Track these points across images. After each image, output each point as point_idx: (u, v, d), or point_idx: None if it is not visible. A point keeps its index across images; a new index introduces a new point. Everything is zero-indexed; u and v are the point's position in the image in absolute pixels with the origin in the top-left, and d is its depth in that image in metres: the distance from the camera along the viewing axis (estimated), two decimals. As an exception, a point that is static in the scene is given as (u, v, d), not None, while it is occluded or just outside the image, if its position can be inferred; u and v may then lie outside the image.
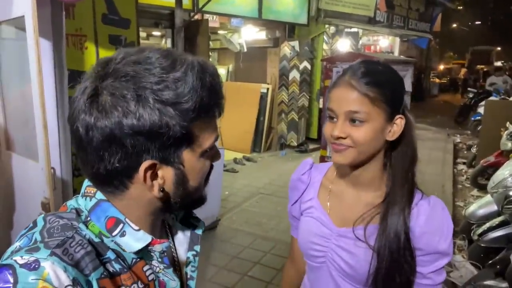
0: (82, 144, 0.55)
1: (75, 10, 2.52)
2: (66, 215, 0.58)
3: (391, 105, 0.86)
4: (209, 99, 0.56)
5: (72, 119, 0.56)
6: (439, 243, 0.87)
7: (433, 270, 0.88)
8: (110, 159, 0.54)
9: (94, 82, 0.54)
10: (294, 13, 6.68)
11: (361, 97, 0.84)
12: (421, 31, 10.69)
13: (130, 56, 0.55)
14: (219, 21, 6.16)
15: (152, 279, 0.63)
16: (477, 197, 4.79)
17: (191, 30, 4.98)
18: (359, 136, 0.85)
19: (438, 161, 6.66)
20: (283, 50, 6.87)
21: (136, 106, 0.52)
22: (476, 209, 3.58)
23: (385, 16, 8.86)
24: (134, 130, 0.52)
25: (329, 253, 0.95)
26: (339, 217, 0.96)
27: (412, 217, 0.88)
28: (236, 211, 4.34)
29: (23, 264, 0.48)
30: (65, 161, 2.06)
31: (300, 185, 1.04)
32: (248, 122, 6.80)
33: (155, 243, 0.62)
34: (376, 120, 0.85)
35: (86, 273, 0.52)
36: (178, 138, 0.55)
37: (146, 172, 0.56)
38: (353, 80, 0.85)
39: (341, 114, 0.86)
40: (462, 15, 27.62)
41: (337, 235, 0.95)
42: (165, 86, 0.53)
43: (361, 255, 0.90)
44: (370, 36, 10.20)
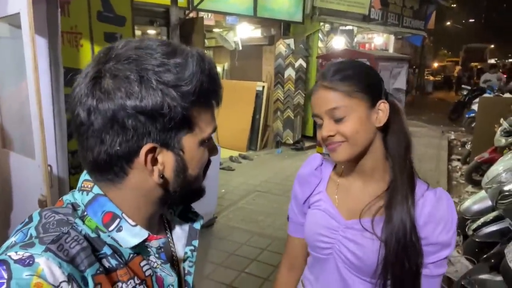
0: (83, 129, 0.55)
1: (70, 7, 2.51)
2: (62, 210, 0.58)
3: (368, 92, 0.89)
4: (208, 84, 0.57)
5: (73, 105, 0.56)
6: (442, 234, 0.88)
7: (432, 261, 0.90)
8: (111, 142, 0.54)
9: (97, 66, 0.55)
10: (289, 11, 6.68)
11: (336, 94, 0.88)
12: (415, 28, 10.74)
13: (132, 43, 0.56)
14: (214, 19, 6.16)
15: (149, 275, 0.62)
16: (472, 193, 4.83)
17: (186, 28, 4.97)
18: (346, 129, 0.88)
19: (432, 158, 6.70)
20: (278, 48, 6.87)
21: (138, 87, 0.52)
22: (470, 205, 3.61)
23: (380, 14, 8.89)
24: (137, 110, 0.53)
25: (336, 245, 0.97)
26: (347, 209, 0.98)
27: (417, 207, 0.89)
28: (232, 208, 4.35)
29: (17, 259, 0.48)
30: (62, 158, 2.06)
31: (313, 179, 1.05)
32: (244, 120, 6.80)
33: (152, 239, 0.62)
34: (357, 111, 0.88)
35: (82, 269, 0.52)
36: (179, 121, 0.55)
37: (146, 156, 0.55)
38: (325, 82, 0.90)
39: (323, 115, 0.90)
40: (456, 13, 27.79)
41: (345, 227, 0.96)
42: (167, 69, 0.54)
43: (368, 246, 0.91)
44: (364, 33, 10.23)
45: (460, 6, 27.55)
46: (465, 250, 3.26)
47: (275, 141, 7.24)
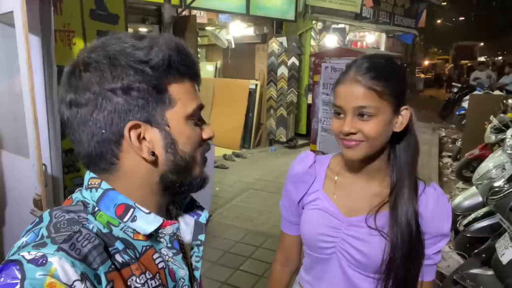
0: (70, 124, 0.57)
1: (63, 5, 2.49)
2: (73, 208, 0.58)
3: (396, 97, 0.88)
4: (178, 58, 0.58)
5: (59, 106, 0.59)
6: (444, 225, 0.93)
7: (435, 251, 0.95)
8: (96, 129, 0.56)
9: (73, 62, 0.58)
10: (282, 9, 6.69)
11: (368, 92, 0.85)
12: (406, 27, 10.82)
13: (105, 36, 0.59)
14: (206, 17, 6.14)
15: (162, 267, 0.62)
16: (462, 189, 4.90)
17: (179, 26, 4.96)
18: (370, 130, 0.86)
19: (423, 155, 6.77)
20: (271, 46, 6.88)
21: (109, 69, 0.55)
22: (461, 201, 3.67)
23: (371, 12, 8.94)
24: (112, 91, 0.55)
25: (340, 244, 0.96)
26: (347, 207, 0.98)
27: (421, 203, 0.92)
28: (227, 206, 4.36)
29: (30, 259, 0.48)
30: (56, 157, 2.05)
31: (308, 178, 1.03)
32: (237, 118, 6.81)
33: (166, 225, 0.62)
34: (384, 113, 0.87)
35: (94, 267, 0.52)
36: (155, 94, 0.57)
37: (130, 132, 0.56)
38: (359, 75, 0.86)
39: (349, 110, 0.87)
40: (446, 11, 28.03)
41: (348, 224, 0.96)
42: (135, 48, 0.56)
43: (375, 243, 0.91)
44: (356, 32, 10.29)
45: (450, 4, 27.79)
46: (457, 246, 3.31)
47: (268, 139, 7.25)
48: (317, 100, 4.04)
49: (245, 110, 6.80)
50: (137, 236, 0.60)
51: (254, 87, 6.89)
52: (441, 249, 0.96)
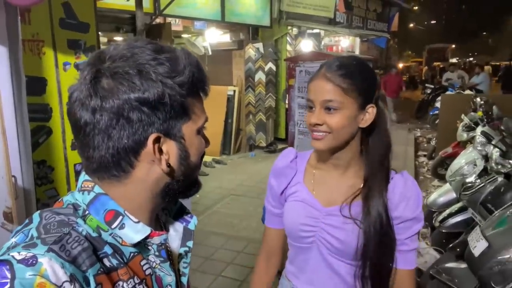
0: (88, 129, 0.57)
1: (31, 15, 2.45)
2: (63, 211, 0.58)
3: (363, 95, 0.96)
4: (198, 75, 0.61)
5: (72, 111, 0.58)
6: (413, 210, 0.98)
7: (408, 236, 0.99)
8: (118, 137, 0.56)
9: (93, 68, 0.57)
10: (257, 15, 6.76)
11: (335, 88, 0.94)
12: (379, 31, 11.09)
13: (121, 45, 0.59)
14: (182, 25, 6.13)
15: (149, 274, 0.63)
16: (438, 186, 5.03)
17: (154, 34, 4.93)
18: (333, 123, 0.95)
19: (400, 155, 6.92)
20: (247, 52, 6.93)
21: (139, 80, 0.55)
22: (436, 198, 3.77)
23: (345, 17, 9.13)
24: (140, 102, 0.55)
25: (319, 232, 1.03)
26: (325, 198, 1.05)
27: (389, 190, 0.99)
28: (207, 213, 4.34)
29: (20, 259, 0.48)
30: (26, 169, 2.00)
31: (289, 171, 1.11)
32: (217, 124, 6.80)
33: (154, 235, 0.63)
34: (348, 108, 0.95)
35: (83, 269, 0.52)
36: (178, 110, 0.59)
37: (154, 145, 0.58)
38: (328, 72, 0.95)
39: (317, 103, 0.96)
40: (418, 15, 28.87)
41: (325, 214, 1.02)
42: (160, 62, 0.57)
43: (350, 230, 0.98)
44: (331, 36, 10.48)
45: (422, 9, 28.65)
46: (433, 241, 3.39)
47: (248, 144, 7.27)
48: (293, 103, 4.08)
49: (224, 116, 6.81)
50: (125, 243, 0.61)
51: (232, 93, 6.91)
52: (416, 235, 1.00)
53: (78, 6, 2.70)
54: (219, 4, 6.00)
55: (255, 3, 6.68)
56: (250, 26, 6.84)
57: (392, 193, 0.98)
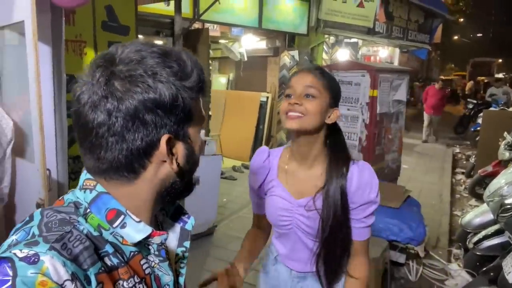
0: (102, 131, 0.56)
1: (76, 16, 2.58)
2: (64, 209, 0.59)
3: (333, 95, 1.16)
4: (203, 77, 0.63)
5: (83, 113, 0.57)
6: (369, 195, 1.15)
7: (365, 215, 1.17)
8: (133, 139, 0.57)
9: (106, 71, 0.57)
10: (294, 23, 6.76)
11: (315, 79, 1.14)
12: (420, 42, 10.77)
13: (127, 47, 0.59)
14: (219, 30, 6.24)
15: (148, 273, 0.63)
16: (475, 206, 4.78)
17: (192, 39, 5.06)
18: (311, 107, 1.11)
19: (436, 171, 6.66)
20: (283, 59, 6.94)
21: (154, 82, 0.56)
22: (472, 218, 3.58)
23: (384, 27, 8.95)
24: (155, 104, 0.56)
25: (294, 221, 1.22)
26: (296, 191, 1.22)
27: (348, 180, 1.15)
28: (233, 217, 4.35)
29: (22, 257, 0.48)
30: (62, 164, 2.09)
31: (263, 170, 1.28)
32: (248, 130, 6.84)
33: (155, 235, 0.63)
34: (323, 100, 1.14)
35: (85, 268, 0.53)
36: (188, 112, 0.60)
37: (167, 146, 0.59)
38: (311, 69, 1.18)
39: (298, 89, 1.14)
40: (463, 27, 27.79)
41: (297, 206, 1.21)
42: (170, 65, 0.58)
43: (315, 218, 1.17)
44: (370, 46, 10.29)
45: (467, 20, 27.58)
46: (466, 264, 3.22)
47: (278, 151, 7.24)
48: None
49: (255, 122, 6.83)
50: (126, 242, 0.61)
51: (265, 100, 6.93)
52: (371, 215, 1.18)
53: (120, 9, 2.82)
54: (257, 11, 6.06)
55: (293, 11, 6.69)
56: (286, 33, 6.85)
57: (350, 183, 1.15)
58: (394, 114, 4.15)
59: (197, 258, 3.31)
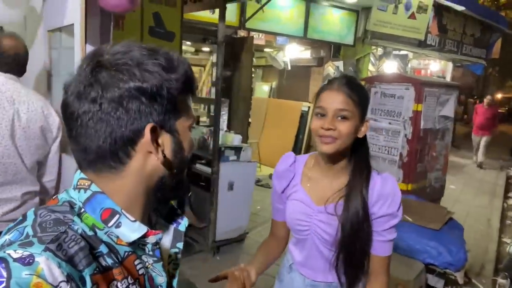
0: (85, 119, 0.57)
1: (125, 22, 2.72)
2: (59, 208, 0.58)
3: (363, 110, 1.15)
4: (190, 74, 0.64)
5: (70, 102, 0.58)
6: (390, 207, 1.14)
7: (385, 228, 1.15)
8: (116, 126, 0.57)
9: (93, 61, 0.58)
10: (340, 33, 6.67)
11: (347, 99, 1.11)
12: (475, 57, 10.20)
13: (117, 43, 0.61)
14: (264, 39, 6.31)
15: (142, 273, 0.63)
16: (527, 235, 4.42)
17: (236, 46, 5.14)
18: (344, 129, 1.10)
19: (487, 194, 6.24)
20: (327, 69, 6.86)
21: (139, 71, 0.58)
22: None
23: (437, 40, 8.58)
24: (140, 92, 0.57)
25: (312, 227, 1.22)
26: (318, 198, 1.22)
27: (370, 189, 1.15)
28: (265, 225, 4.32)
29: (17, 258, 0.47)
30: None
31: (288, 174, 1.28)
32: (287, 139, 6.81)
33: (150, 234, 0.63)
34: (355, 119, 1.12)
35: (80, 269, 0.52)
36: (174, 104, 0.61)
37: (151, 134, 0.59)
38: (341, 86, 1.13)
39: (331, 111, 1.11)
40: (526, 43, 25.99)
41: (317, 211, 1.21)
42: (156, 58, 0.60)
43: (335, 225, 1.16)
44: (420, 59, 9.90)
45: (530, 35, 25.80)
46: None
47: (317, 162, 7.14)
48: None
49: (295, 132, 6.79)
50: (120, 242, 0.61)
51: (307, 110, 6.87)
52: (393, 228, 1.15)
53: (166, 16, 2.93)
54: (303, 21, 6.05)
55: (340, 21, 6.61)
56: (332, 43, 6.78)
57: (372, 193, 1.14)
58: (439, 131, 3.95)
59: (226, 264, 3.32)
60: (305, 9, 6.01)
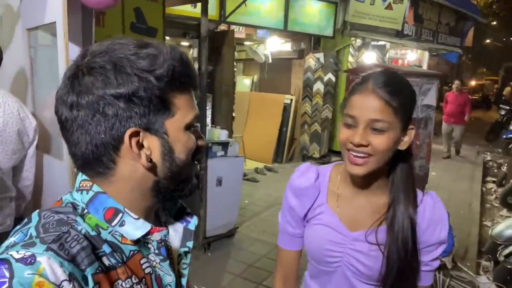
0: (68, 125, 0.58)
1: (106, 18, 2.64)
2: (62, 210, 0.59)
3: (407, 115, 0.88)
4: (181, 69, 0.60)
5: (56, 106, 0.59)
6: (441, 233, 0.95)
7: (432, 258, 0.97)
8: (95, 132, 0.57)
9: (74, 65, 0.59)
10: (320, 25, 6.70)
11: (385, 106, 0.85)
12: (451, 45, 10.45)
13: (108, 40, 0.60)
14: (245, 32, 6.26)
15: (148, 272, 0.62)
16: (506, 217, 4.60)
17: (217, 40, 5.08)
18: (380, 145, 0.86)
19: (466, 179, 6.44)
20: (307, 61, 6.88)
21: (114, 75, 0.55)
22: (503, 229, 3.43)
23: (413, 30, 8.74)
24: (115, 97, 0.55)
25: (345, 258, 0.98)
26: (351, 221, 0.98)
27: (419, 213, 0.94)
28: (254, 220, 4.34)
29: (19, 258, 0.48)
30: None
31: (312, 192, 1.02)
32: (271, 132, 6.82)
33: (154, 231, 0.63)
34: (395, 130, 0.87)
35: (82, 268, 0.52)
36: (157, 104, 0.58)
37: (130, 139, 0.57)
38: (377, 88, 0.85)
39: (362, 122, 0.86)
40: (496, 31, 26.80)
41: (352, 239, 0.97)
42: (140, 57, 0.57)
43: (375, 256, 0.95)
44: (397, 49, 10.06)
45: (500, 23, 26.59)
46: (496, 277, 3.09)
47: (301, 154, 7.19)
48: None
49: (279, 125, 6.80)
50: (125, 240, 0.61)
51: (289, 102, 6.89)
52: (439, 256, 0.98)
53: (148, 11, 2.87)
54: (282, 13, 6.04)
55: (319, 13, 6.63)
56: (312, 36, 6.80)
57: (422, 218, 0.94)
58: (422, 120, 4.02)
59: (217, 260, 3.32)
60: (285, 1, 6.00)
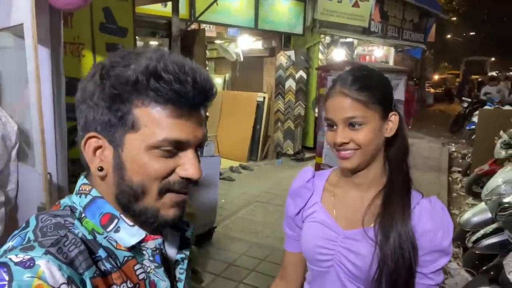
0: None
1: (73, 19, 2.56)
2: (60, 213, 0.59)
3: (383, 104, 0.92)
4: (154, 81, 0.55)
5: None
6: (442, 241, 0.89)
7: (433, 270, 0.91)
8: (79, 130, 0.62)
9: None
10: (290, 23, 6.76)
11: (354, 103, 0.90)
12: (415, 41, 10.83)
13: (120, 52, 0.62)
14: (216, 31, 6.23)
15: (142, 278, 0.62)
16: (472, 205, 4.82)
17: (188, 40, 5.03)
18: (361, 139, 0.90)
19: (433, 170, 6.70)
20: (279, 59, 6.94)
21: (89, 80, 0.59)
22: (470, 217, 3.60)
23: (380, 27, 8.99)
24: (79, 100, 0.61)
25: (337, 256, 0.96)
26: (346, 219, 0.98)
27: (414, 216, 0.91)
28: (232, 218, 4.34)
29: (18, 262, 0.49)
30: (62, 167, 2.07)
31: (305, 192, 1.05)
32: (245, 130, 6.83)
33: (149, 239, 0.63)
34: (372, 121, 0.91)
35: (80, 272, 0.53)
36: (116, 114, 0.57)
37: (86, 141, 0.60)
38: (344, 88, 0.91)
39: (339, 122, 0.92)
40: (457, 26, 27.98)
41: (344, 237, 0.96)
42: (112, 66, 0.58)
43: (367, 256, 0.91)
44: (365, 46, 10.33)
45: (460, 20, 27.76)
46: (465, 262, 3.24)
47: (275, 151, 7.25)
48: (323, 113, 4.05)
49: (252, 123, 6.83)
50: (120, 246, 0.61)
51: (262, 100, 6.93)
52: (442, 269, 0.91)
53: (117, 11, 2.80)
54: (253, 12, 6.06)
55: (288, 11, 6.69)
56: (282, 33, 6.85)
57: (418, 221, 0.90)
58: (391, 114, 4.16)
59: (197, 259, 3.30)
60: (255, 0, 6.01)
